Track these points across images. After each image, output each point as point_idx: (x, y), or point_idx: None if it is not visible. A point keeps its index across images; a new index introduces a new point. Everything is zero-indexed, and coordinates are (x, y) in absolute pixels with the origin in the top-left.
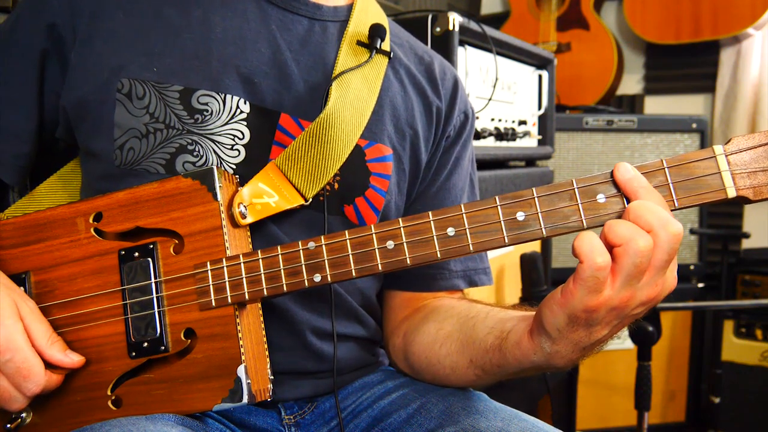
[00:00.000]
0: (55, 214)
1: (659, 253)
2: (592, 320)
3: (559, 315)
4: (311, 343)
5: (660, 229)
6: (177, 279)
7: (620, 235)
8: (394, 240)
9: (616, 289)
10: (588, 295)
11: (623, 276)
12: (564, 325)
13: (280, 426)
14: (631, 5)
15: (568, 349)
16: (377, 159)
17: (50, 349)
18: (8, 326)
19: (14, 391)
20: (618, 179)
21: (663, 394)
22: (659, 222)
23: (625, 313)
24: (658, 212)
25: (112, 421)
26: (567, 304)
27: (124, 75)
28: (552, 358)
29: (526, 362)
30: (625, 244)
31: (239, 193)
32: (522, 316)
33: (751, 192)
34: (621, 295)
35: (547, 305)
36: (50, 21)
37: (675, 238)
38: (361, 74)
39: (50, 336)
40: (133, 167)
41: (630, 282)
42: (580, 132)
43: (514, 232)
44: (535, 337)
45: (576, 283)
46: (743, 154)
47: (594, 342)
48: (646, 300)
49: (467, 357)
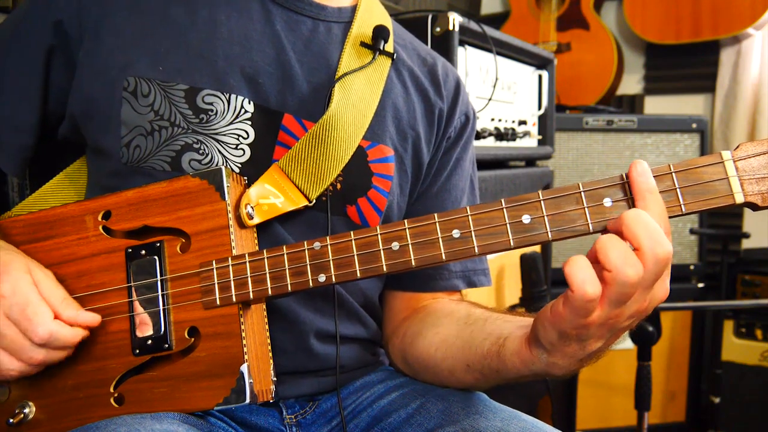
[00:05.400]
0: (64, 212)
1: (647, 275)
2: (583, 336)
3: (550, 331)
4: (313, 344)
5: (649, 251)
6: (182, 277)
7: (611, 262)
8: (399, 241)
9: (605, 310)
10: (577, 318)
11: (612, 300)
12: (556, 340)
13: (281, 425)
14: (631, 5)
15: (565, 360)
16: (379, 160)
17: (64, 308)
18: (17, 278)
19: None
20: (631, 175)
21: (663, 394)
22: (649, 242)
23: (616, 327)
24: (651, 230)
25: (117, 420)
26: (556, 323)
27: (130, 73)
28: (551, 368)
29: (525, 371)
30: (614, 272)
31: (246, 193)
32: (519, 324)
33: (760, 198)
34: (610, 314)
35: (539, 321)
36: (57, 17)
37: (663, 262)
38: (364, 76)
39: (65, 298)
40: (140, 164)
41: (618, 305)
42: (580, 132)
43: (520, 235)
44: (533, 349)
45: (566, 306)
46: (752, 160)
47: (590, 353)
48: (635, 313)
49: (465, 362)
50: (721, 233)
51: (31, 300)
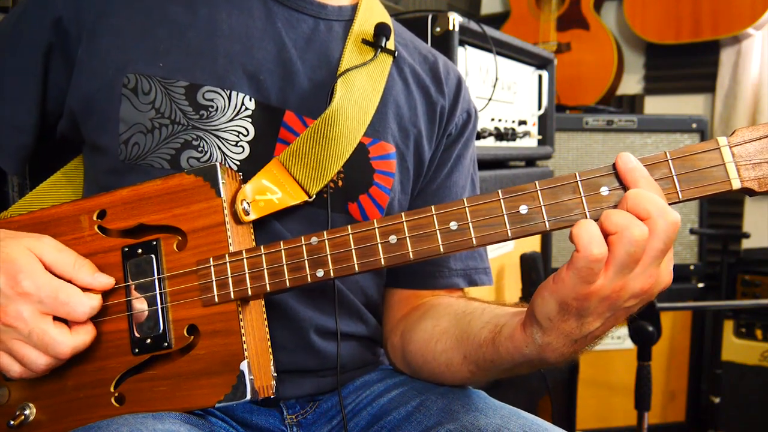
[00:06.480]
0: (59, 212)
1: (655, 242)
2: (583, 310)
3: (549, 302)
4: (313, 341)
5: (658, 216)
6: (180, 275)
7: (615, 224)
8: (397, 234)
9: (609, 278)
10: (580, 284)
11: (616, 265)
12: (555, 313)
13: (282, 425)
14: (631, 5)
15: (560, 341)
16: (381, 156)
17: (78, 273)
18: (30, 270)
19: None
20: (620, 168)
21: (663, 394)
22: (657, 210)
23: (618, 304)
24: (657, 201)
25: (119, 419)
26: (558, 291)
27: (130, 70)
28: (543, 351)
29: (518, 356)
30: (619, 233)
31: (242, 189)
32: (516, 311)
33: (756, 183)
34: (613, 284)
35: (538, 293)
36: (56, 15)
37: (673, 226)
38: (366, 72)
39: (75, 261)
40: (138, 162)
41: (623, 271)
42: (580, 132)
43: (517, 226)
44: (527, 329)
45: (569, 270)
46: (747, 146)
47: (586, 335)
48: (639, 292)
49: (462, 353)
50: (721, 233)
51: (56, 286)
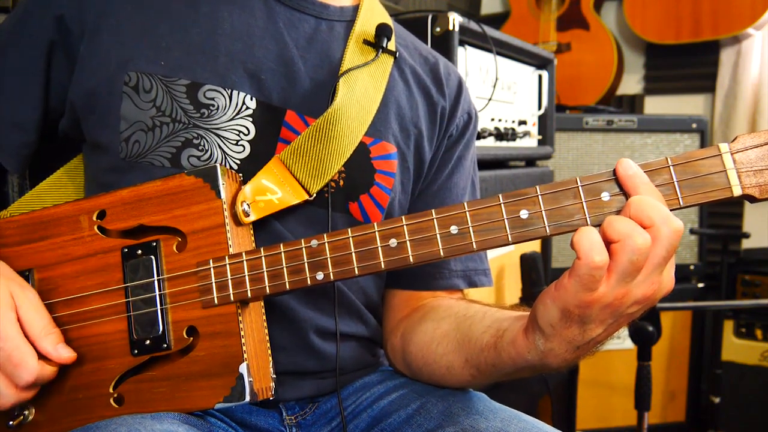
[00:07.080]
0: (59, 212)
1: (658, 249)
2: (586, 317)
3: (552, 309)
4: (313, 342)
5: (662, 224)
6: (179, 277)
7: (618, 231)
8: (397, 238)
9: (611, 286)
10: (582, 291)
11: (619, 273)
12: (557, 320)
13: (281, 426)
14: (631, 5)
15: (562, 347)
16: (382, 156)
17: (43, 340)
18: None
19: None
20: (620, 174)
21: (663, 394)
22: (661, 218)
23: (620, 311)
24: (660, 208)
25: (117, 420)
26: (560, 298)
27: (131, 68)
28: (546, 356)
29: (521, 361)
30: (622, 241)
31: (242, 190)
32: (518, 315)
33: (757, 190)
34: (616, 292)
35: (540, 300)
36: (58, 13)
37: (676, 234)
38: (368, 72)
39: (45, 327)
40: (138, 160)
41: (625, 279)
42: (580, 132)
43: (518, 230)
44: (529, 335)
45: (571, 277)
46: (749, 152)
47: (588, 341)
48: (641, 299)
49: (463, 356)
50: (721, 233)
51: (17, 344)
